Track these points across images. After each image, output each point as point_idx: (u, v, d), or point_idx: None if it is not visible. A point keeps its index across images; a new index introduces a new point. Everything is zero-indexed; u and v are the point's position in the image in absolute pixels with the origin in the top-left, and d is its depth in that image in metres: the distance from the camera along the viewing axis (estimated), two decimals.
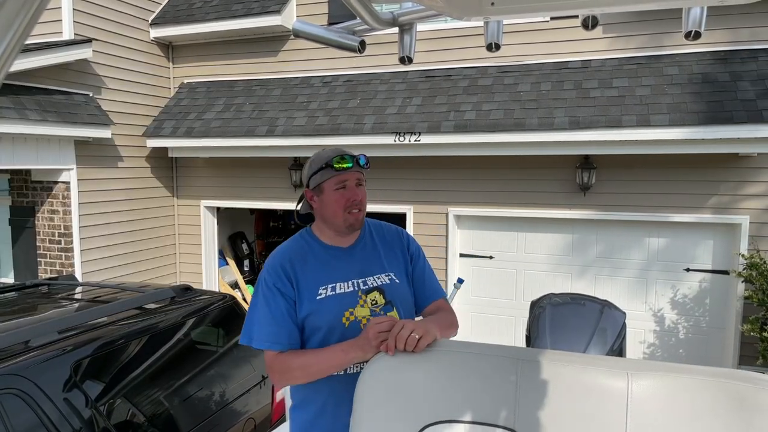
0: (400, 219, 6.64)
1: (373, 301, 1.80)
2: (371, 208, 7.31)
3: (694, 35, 1.11)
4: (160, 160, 7.25)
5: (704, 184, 5.44)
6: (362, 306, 1.79)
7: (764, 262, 4.83)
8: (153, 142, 6.86)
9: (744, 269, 4.98)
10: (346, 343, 1.66)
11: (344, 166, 1.82)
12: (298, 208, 2.01)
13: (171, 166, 7.47)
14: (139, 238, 7.00)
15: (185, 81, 7.42)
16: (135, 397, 2.68)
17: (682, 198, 5.51)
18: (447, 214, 6.20)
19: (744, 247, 5.28)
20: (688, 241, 5.67)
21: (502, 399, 1.36)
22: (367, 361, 1.56)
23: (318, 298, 1.76)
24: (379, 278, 1.84)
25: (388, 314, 1.80)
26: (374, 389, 1.47)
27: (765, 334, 4.50)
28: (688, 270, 5.67)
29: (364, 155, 1.90)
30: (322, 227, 1.88)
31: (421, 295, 1.93)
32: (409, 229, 6.37)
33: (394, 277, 1.86)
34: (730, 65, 5.29)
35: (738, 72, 5.21)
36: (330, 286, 1.79)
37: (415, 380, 1.44)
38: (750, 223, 5.31)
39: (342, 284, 1.80)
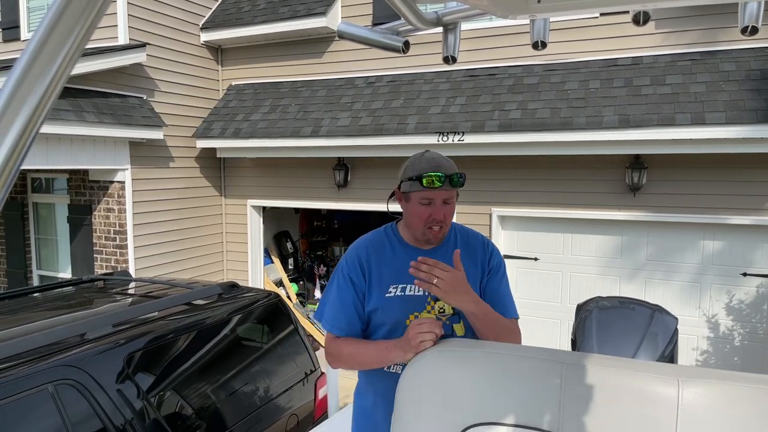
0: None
1: (441, 309, 1.79)
2: None
3: (751, 30, 1.06)
4: (209, 161, 7.45)
5: (762, 184, 5.19)
6: (429, 312, 1.79)
7: None
8: (202, 143, 7.05)
9: None
10: (391, 341, 1.69)
11: (433, 186, 1.77)
12: (390, 204, 2.05)
13: (219, 166, 7.66)
14: (189, 236, 7.21)
15: (233, 83, 7.60)
16: (183, 390, 2.76)
17: (738, 199, 5.27)
18: (491, 215, 6.13)
19: None
20: (745, 245, 5.42)
21: (546, 402, 1.34)
22: (407, 362, 1.57)
23: (387, 295, 1.80)
24: None
25: (454, 326, 1.79)
26: (415, 389, 1.47)
27: None
28: (745, 275, 5.42)
29: (460, 174, 1.81)
30: (405, 228, 1.91)
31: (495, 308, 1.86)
32: None
33: None
34: None
35: None
36: (401, 286, 1.81)
37: (456, 381, 1.43)
38: None
39: (413, 287, 1.80)
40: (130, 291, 3.66)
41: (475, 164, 6.13)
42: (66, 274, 7.02)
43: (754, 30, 1.05)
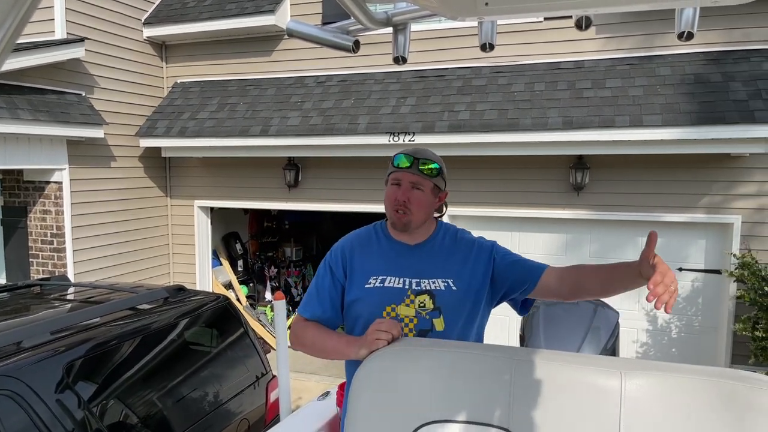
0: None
1: (421, 303, 1.78)
2: (367, 208, 7.27)
3: (687, 36, 1.11)
4: (153, 160, 7.22)
5: (697, 184, 5.47)
6: (407, 305, 1.78)
7: (756, 262, 4.87)
8: (146, 142, 6.83)
9: (736, 269, 5.01)
10: (352, 336, 1.70)
11: (399, 164, 1.83)
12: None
13: (164, 166, 7.44)
14: (132, 239, 6.97)
15: (179, 80, 7.39)
16: (128, 398, 2.67)
17: (674, 198, 5.54)
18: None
19: (736, 247, 5.32)
20: (680, 241, 5.70)
21: (496, 398, 1.36)
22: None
23: (366, 286, 1.81)
24: (434, 282, 1.80)
25: (433, 320, 1.77)
26: (368, 388, 1.47)
27: (757, 333, 4.53)
28: (680, 269, 5.70)
29: (435, 162, 1.83)
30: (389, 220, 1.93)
31: (522, 275, 1.82)
32: None
33: (451, 284, 1.80)
34: (723, 66, 5.32)
35: (730, 72, 5.24)
36: (381, 277, 1.81)
37: (409, 379, 1.44)
38: (742, 222, 5.35)
39: (393, 279, 1.81)
40: (69, 296, 3.51)
41: None
42: (0, 279, 6.66)
43: (690, 35, 1.10)
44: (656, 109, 5.12)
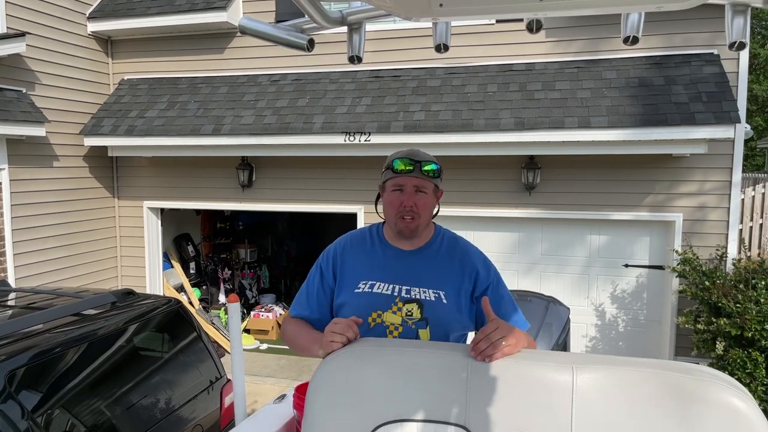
0: (351, 219, 6.63)
1: (408, 312, 1.73)
2: (323, 208, 7.24)
3: (632, 40, 1.15)
4: (99, 160, 6.96)
5: (641, 183, 5.69)
6: (394, 313, 1.73)
7: (697, 258, 5.10)
8: (91, 141, 6.58)
9: (678, 264, 5.23)
10: (318, 335, 1.66)
11: (401, 168, 1.75)
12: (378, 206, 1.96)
13: (111, 166, 7.19)
14: (78, 241, 6.70)
15: (126, 77, 7.16)
16: (74, 407, 2.56)
17: (620, 197, 5.74)
18: None
19: (678, 244, 5.56)
20: (626, 238, 5.92)
21: (454, 396, 1.38)
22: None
23: (355, 291, 1.78)
24: (424, 292, 1.74)
25: (419, 330, 1.73)
26: (326, 390, 1.46)
27: (699, 326, 4.74)
28: (626, 266, 5.91)
29: (436, 162, 1.79)
30: (387, 225, 1.87)
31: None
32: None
33: (442, 296, 1.74)
34: (665, 69, 5.55)
35: (672, 76, 5.47)
36: (370, 282, 1.77)
37: (366, 380, 1.44)
38: (683, 220, 5.59)
39: (383, 285, 1.76)
40: (9, 302, 3.34)
41: (381, 164, 6.19)
42: None
43: (635, 40, 1.14)
44: (603, 111, 5.30)
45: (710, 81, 5.31)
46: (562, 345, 3.61)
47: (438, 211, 1.92)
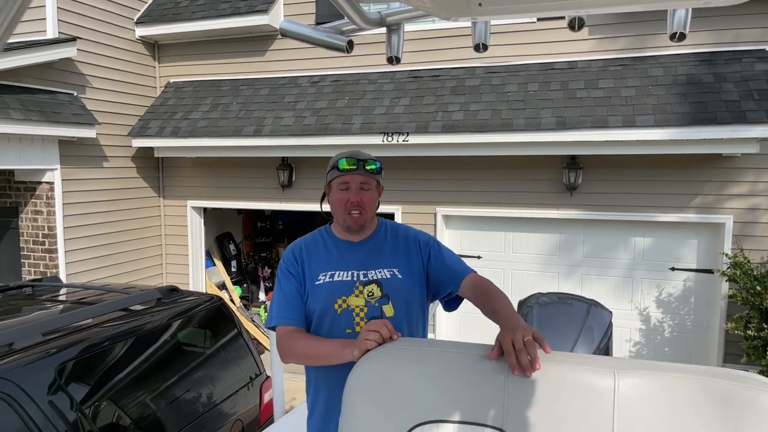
0: (388, 218, 6.64)
1: (369, 293, 1.86)
2: None
3: (679, 36, 1.12)
4: (146, 160, 7.19)
5: (689, 184, 5.50)
6: (357, 296, 1.85)
7: (748, 261, 4.90)
8: (138, 142, 6.80)
9: (728, 268, 5.04)
10: (347, 340, 1.70)
11: (346, 167, 1.89)
12: (323, 205, 2.11)
13: (157, 166, 7.41)
14: (125, 239, 6.93)
15: (171, 80, 7.36)
16: (120, 400, 2.65)
17: (667, 198, 5.56)
18: (435, 214, 6.21)
19: (728, 247, 5.35)
20: (673, 241, 5.73)
21: (491, 398, 1.36)
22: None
23: (316, 283, 1.88)
24: (380, 272, 1.90)
25: (383, 307, 1.85)
26: (362, 390, 1.47)
27: (749, 332, 4.56)
28: (673, 269, 5.73)
29: (376, 161, 1.94)
30: (336, 223, 2.00)
31: (447, 278, 1.94)
32: None
33: (396, 273, 1.90)
34: (714, 66, 5.35)
35: (722, 73, 5.27)
36: (329, 273, 1.89)
37: (403, 381, 1.44)
38: (734, 222, 5.38)
39: (341, 273, 1.89)
40: (61, 297, 3.48)
41: (419, 164, 6.19)
42: None
43: (682, 36, 1.11)
44: (648, 109, 5.15)
45: (762, 78, 5.09)
46: (604, 349, 3.53)
47: (379, 205, 2.05)
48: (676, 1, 0.98)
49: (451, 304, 2.03)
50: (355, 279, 1.88)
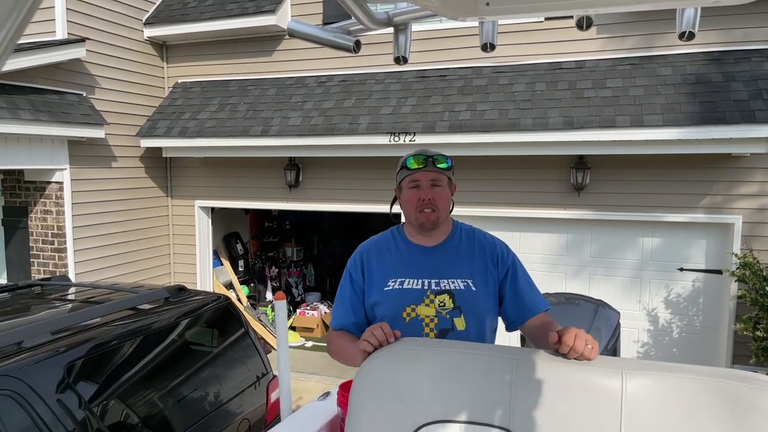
0: (396, 219, 6.64)
1: (441, 303, 1.79)
2: (367, 208, 7.26)
3: (688, 36, 1.11)
4: (154, 160, 7.23)
5: (697, 184, 5.47)
6: (427, 305, 1.79)
7: (757, 262, 4.86)
8: (147, 142, 6.83)
9: (737, 269, 5.00)
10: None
11: (415, 166, 1.85)
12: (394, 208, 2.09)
13: (165, 166, 7.45)
14: (133, 239, 6.97)
15: (179, 81, 7.40)
16: (129, 398, 2.67)
17: (675, 198, 5.53)
18: None
19: (737, 247, 5.31)
20: (681, 241, 5.69)
21: (498, 398, 1.36)
22: None
23: (386, 289, 1.83)
24: (454, 282, 1.81)
25: (454, 320, 1.79)
26: (369, 390, 1.47)
27: (758, 333, 4.53)
28: (681, 270, 5.69)
29: (445, 156, 1.88)
30: (407, 224, 1.95)
31: (517, 308, 1.86)
32: None
33: (470, 285, 1.81)
34: (723, 66, 5.32)
35: (731, 73, 5.23)
36: (399, 280, 1.84)
37: (410, 381, 1.44)
38: (743, 222, 5.34)
39: (412, 280, 1.83)
40: (69, 296, 3.51)
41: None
42: (1, 279, 6.66)
43: (691, 35, 1.10)
44: (657, 109, 5.12)
45: None
46: (612, 350, 3.51)
47: (453, 206, 1.98)
48: (686, 0, 0.97)
49: (511, 328, 1.94)
50: (426, 288, 1.80)
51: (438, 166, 1.84)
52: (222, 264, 7.99)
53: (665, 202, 5.55)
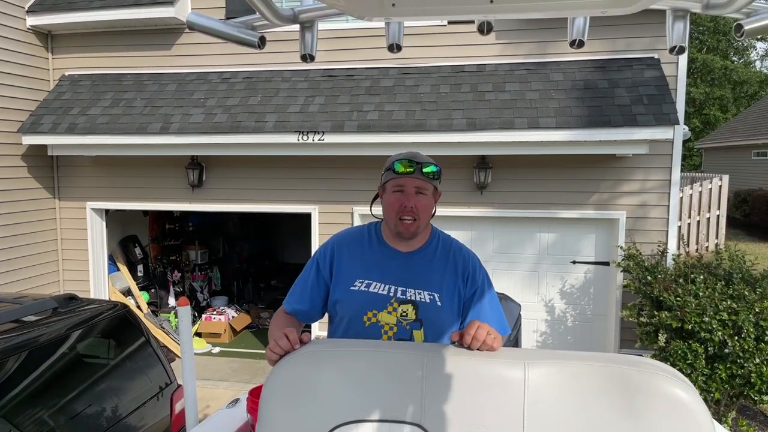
0: (305, 219, 6.57)
1: (403, 312, 1.75)
2: (277, 208, 7.13)
3: (578, 43, 1.19)
4: (39, 159, 6.66)
5: (587, 182, 5.88)
6: (389, 313, 1.75)
7: (639, 254, 5.32)
8: (29, 139, 6.28)
9: (622, 260, 5.43)
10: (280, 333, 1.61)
11: (402, 170, 1.79)
12: (373, 206, 2.00)
13: (51, 165, 6.88)
14: (16, 244, 6.39)
15: (67, 73, 6.86)
16: (15, 418, 2.44)
17: (568, 195, 5.91)
18: (352, 214, 6.21)
19: (622, 240, 5.77)
20: (574, 236, 6.10)
21: (409, 395, 1.38)
22: None
23: (351, 288, 1.78)
24: (420, 294, 1.77)
25: (414, 331, 1.75)
26: (279, 395, 1.44)
27: (642, 319, 4.93)
28: (574, 262, 6.09)
29: (436, 164, 1.83)
30: (385, 226, 1.88)
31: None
32: (315, 229, 6.32)
33: (437, 299, 1.78)
34: (608, 73, 5.75)
35: (615, 79, 5.67)
36: (366, 281, 1.78)
37: (322, 382, 1.43)
38: (627, 218, 5.81)
39: (379, 285, 1.78)
40: None
41: (336, 164, 6.17)
42: None
43: (581, 43, 1.17)
44: (551, 112, 5.44)
45: (651, 84, 5.53)
46: (514, 341, 3.68)
47: (435, 212, 1.95)
48: (577, 9, 1.04)
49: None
50: (391, 294, 1.76)
51: (425, 171, 1.80)
52: (119, 269, 7.52)
53: (559, 200, 5.92)
